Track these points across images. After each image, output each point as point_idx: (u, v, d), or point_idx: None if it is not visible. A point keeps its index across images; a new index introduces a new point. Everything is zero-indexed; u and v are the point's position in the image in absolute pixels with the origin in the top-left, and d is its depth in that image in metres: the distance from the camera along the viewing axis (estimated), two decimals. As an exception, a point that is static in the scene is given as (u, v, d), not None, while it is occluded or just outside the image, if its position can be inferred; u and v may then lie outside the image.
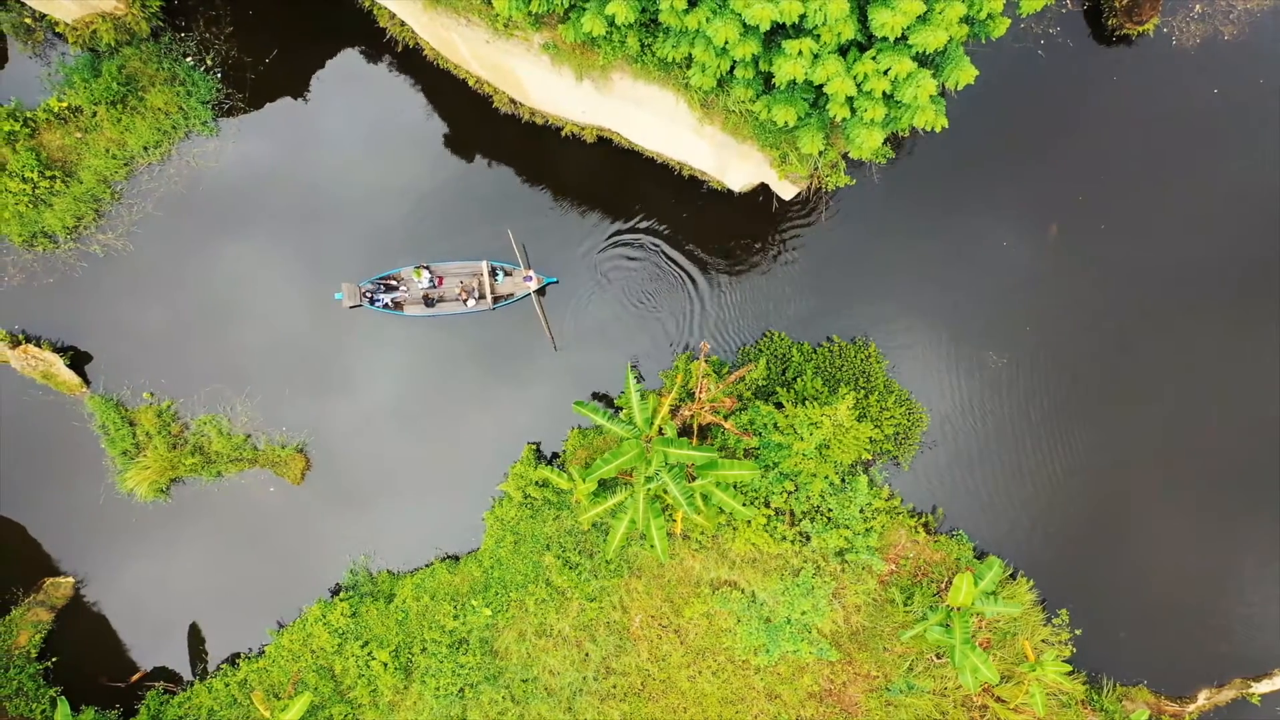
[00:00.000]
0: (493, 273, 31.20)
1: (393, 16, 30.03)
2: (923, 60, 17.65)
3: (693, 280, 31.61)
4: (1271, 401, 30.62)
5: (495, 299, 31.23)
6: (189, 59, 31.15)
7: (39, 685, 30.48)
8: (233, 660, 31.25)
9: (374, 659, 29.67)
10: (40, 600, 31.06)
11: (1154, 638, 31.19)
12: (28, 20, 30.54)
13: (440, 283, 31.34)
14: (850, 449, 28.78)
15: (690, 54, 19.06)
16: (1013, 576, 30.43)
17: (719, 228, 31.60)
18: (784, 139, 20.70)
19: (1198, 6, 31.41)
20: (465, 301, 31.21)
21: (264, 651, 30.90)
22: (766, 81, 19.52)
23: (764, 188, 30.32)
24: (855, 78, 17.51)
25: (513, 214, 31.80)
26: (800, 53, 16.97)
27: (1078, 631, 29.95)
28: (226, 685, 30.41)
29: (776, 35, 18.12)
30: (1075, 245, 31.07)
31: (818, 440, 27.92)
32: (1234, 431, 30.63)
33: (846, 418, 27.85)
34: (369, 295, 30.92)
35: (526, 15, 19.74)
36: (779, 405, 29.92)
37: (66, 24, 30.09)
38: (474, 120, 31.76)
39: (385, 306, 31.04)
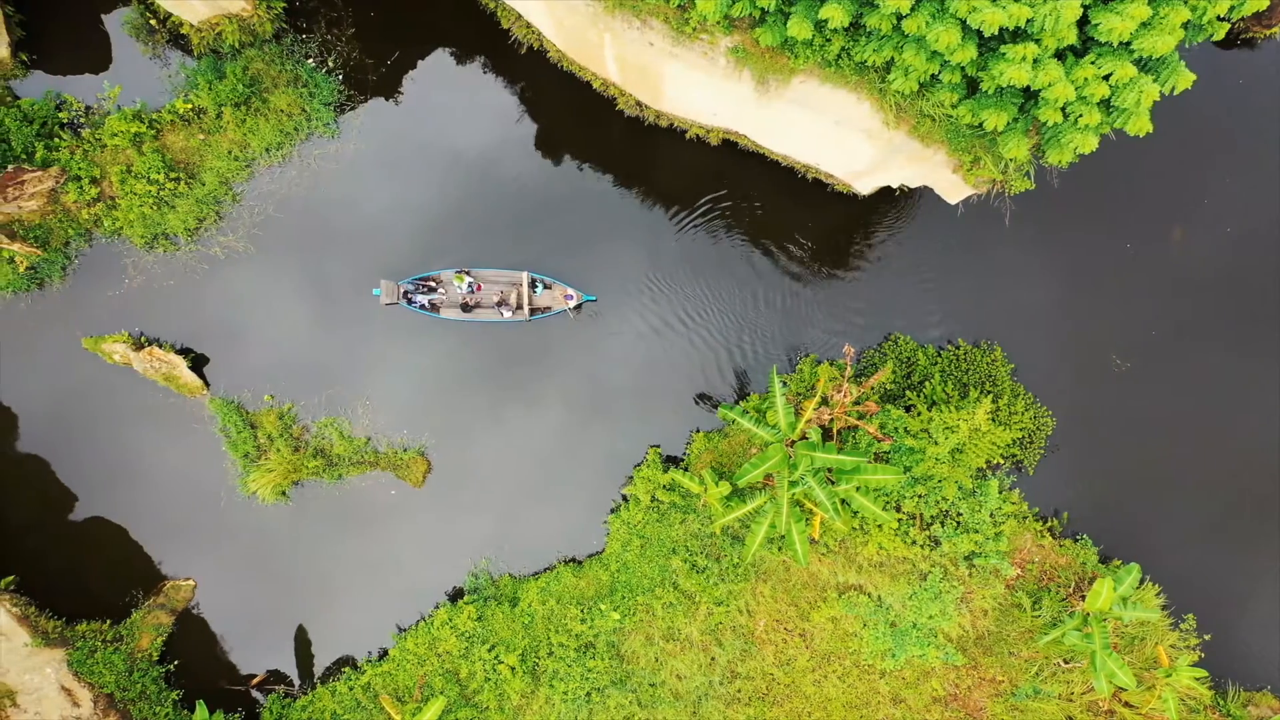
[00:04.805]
0: (532, 284, 30.93)
1: (518, 17, 29.91)
2: (1140, 65, 17.58)
3: (808, 280, 31.55)
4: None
5: (532, 311, 30.92)
6: (310, 60, 31.04)
7: (161, 689, 30.46)
8: (353, 664, 31.19)
9: (501, 663, 29.60)
10: (160, 603, 31.01)
11: (1277, 642, 31.11)
12: (152, 22, 30.43)
13: (479, 289, 31.15)
14: (982, 453, 28.70)
15: (892, 58, 18.99)
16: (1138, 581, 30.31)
17: (840, 230, 31.55)
18: (978, 143, 20.64)
19: (1322, 9, 31.25)
20: (500, 310, 30.88)
21: (386, 655, 30.83)
22: (969, 85, 19.45)
23: (885, 192, 30.32)
24: (1074, 83, 17.44)
25: (614, 212, 31.73)
26: (1023, 58, 16.92)
27: (1206, 636, 29.81)
28: (350, 688, 30.36)
29: (988, 40, 18.06)
30: (1200, 248, 30.96)
31: (952, 445, 27.85)
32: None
33: (983, 422, 27.78)
34: (407, 295, 30.76)
35: (723, 18, 19.62)
36: (907, 409, 29.84)
37: (191, 25, 29.98)
38: (593, 122, 31.64)
39: (422, 308, 30.86)
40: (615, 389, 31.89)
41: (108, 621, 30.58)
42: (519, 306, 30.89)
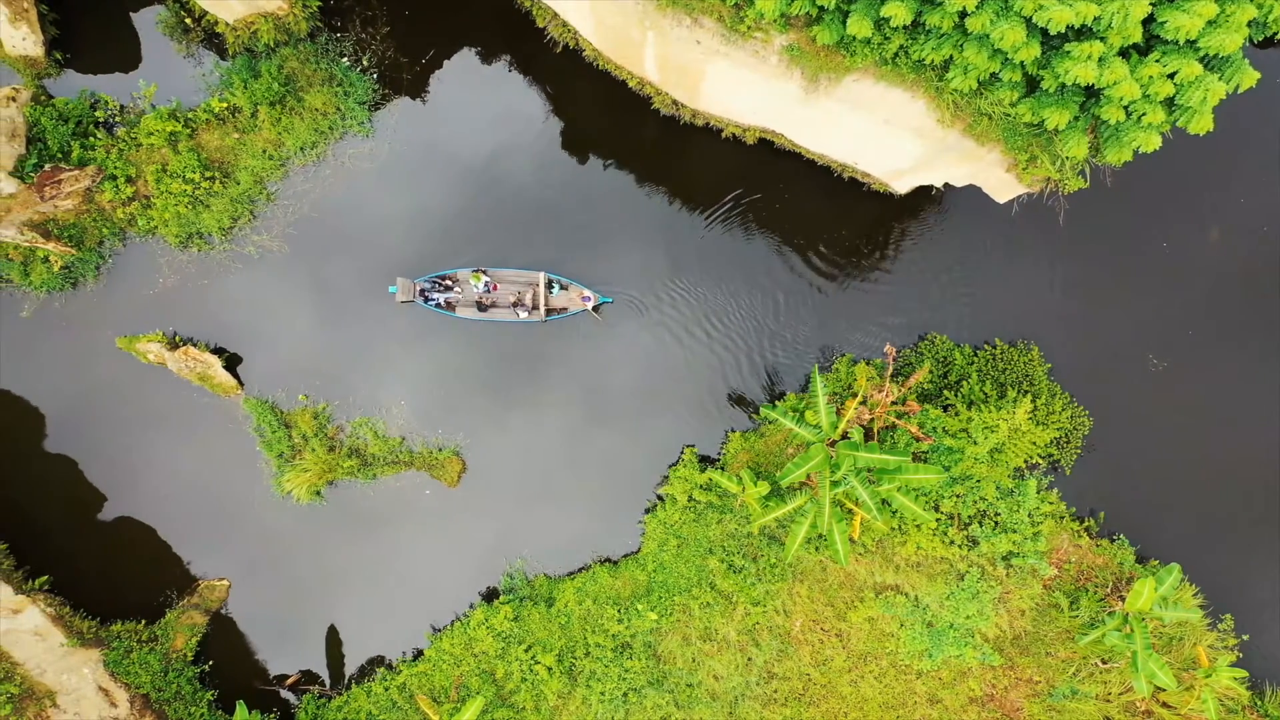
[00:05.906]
0: (549, 285, 30.87)
1: (555, 16, 29.81)
2: (1204, 63, 17.53)
3: (842, 279, 31.48)
4: None
5: (548, 312, 30.86)
6: (345, 59, 30.96)
7: (196, 689, 30.37)
8: (387, 664, 31.11)
9: (538, 663, 29.51)
10: (195, 603, 30.93)
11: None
12: (186, 20, 30.35)
13: (495, 288, 31.10)
14: (1021, 453, 28.63)
15: (951, 56, 18.93)
16: (1175, 581, 30.23)
17: (875, 229, 31.49)
18: (1035, 141, 20.58)
19: (1359, 8, 31.17)
20: (516, 310, 30.81)
21: (421, 655, 30.75)
22: (1028, 83, 19.38)
23: (921, 191, 30.25)
24: (1138, 81, 17.38)
25: (644, 212, 31.65)
26: (1089, 56, 16.85)
27: (1245, 637, 29.76)
28: (386, 689, 30.28)
29: (1052, 38, 18.00)
30: (1237, 248, 30.87)
31: (992, 444, 27.79)
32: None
33: (1023, 422, 27.71)
34: (423, 293, 30.68)
35: (780, 17, 19.55)
36: (945, 408, 29.78)
37: (227, 24, 29.89)
38: (627, 121, 31.55)
39: (438, 306, 30.81)
40: (647, 389, 31.78)
41: (142, 621, 30.53)
42: (535, 307, 30.86)
